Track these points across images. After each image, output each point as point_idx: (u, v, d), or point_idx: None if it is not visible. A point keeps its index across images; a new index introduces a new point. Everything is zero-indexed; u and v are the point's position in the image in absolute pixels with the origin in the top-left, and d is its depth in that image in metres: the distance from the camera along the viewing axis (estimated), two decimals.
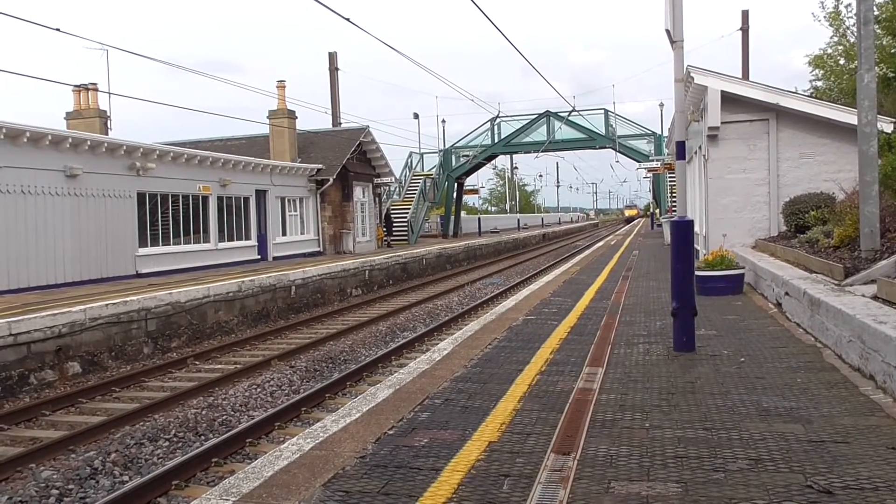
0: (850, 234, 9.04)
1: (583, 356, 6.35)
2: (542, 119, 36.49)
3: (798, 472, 3.44)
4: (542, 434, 4.19)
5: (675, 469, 3.57)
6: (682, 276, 6.48)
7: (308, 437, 4.24)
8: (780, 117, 13.40)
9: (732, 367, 5.74)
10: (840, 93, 22.75)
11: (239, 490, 3.45)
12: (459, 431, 4.30)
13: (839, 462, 3.56)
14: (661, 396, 4.95)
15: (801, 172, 13.28)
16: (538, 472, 3.59)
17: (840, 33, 23.55)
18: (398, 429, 4.39)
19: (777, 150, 13.48)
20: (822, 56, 24.87)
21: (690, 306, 6.39)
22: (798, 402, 4.66)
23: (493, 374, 5.80)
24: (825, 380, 5.21)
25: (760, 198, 13.67)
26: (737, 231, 13.75)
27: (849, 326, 5.56)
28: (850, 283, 7.31)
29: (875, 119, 8.40)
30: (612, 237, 38.16)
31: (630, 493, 3.28)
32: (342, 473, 3.66)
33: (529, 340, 7.19)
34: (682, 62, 6.70)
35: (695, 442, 3.97)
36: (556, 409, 4.71)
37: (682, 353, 6.34)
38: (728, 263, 10.44)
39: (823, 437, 3.96)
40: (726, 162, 13.73)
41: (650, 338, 7.18)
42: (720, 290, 10.10)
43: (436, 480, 3.53)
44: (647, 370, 5.77)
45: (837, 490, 3.21)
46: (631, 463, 3.67)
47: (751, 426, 4.21)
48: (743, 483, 3.34)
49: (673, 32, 6.64)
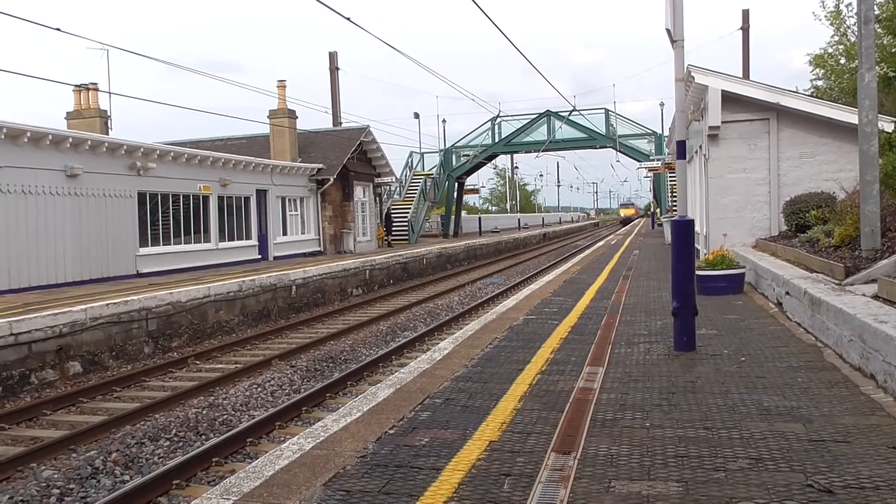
0: (850, 234, 9.04)
1: (583, 355, 6.35)
2: (543, 119, 36.49)
3: (799, 472, 3.44)
4: (542, 433, 4.20)
5: (676, 468, 3.57)
6: (682, 276, 6.48)
7: (309, 437, 4.24)
8: (781, 117, 13.39)
9: (733, 367, 5.74)
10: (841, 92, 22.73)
11: (240, 489, 3.45)
12: (460, 431, 4.30)
13: (840, 461, 3.56)
14: (661, 396, 4.95)
15: (801, 172, 13.27)
16: (539, 471, 3.59)
17: (841, 32, 23.54)
18: (399, 428, 4.39)
19: (778, 149, 13.48)
20: (823, 55, 24.86)
21: (691, 306, 6.39)
22: (799, 402, 4.65)
23: (493, 373, 5.80)
24: (826, 379, 5.21)
25: (761, 197, 13.66)
26: (737, 230, 13.75)
27: (849, 326, 5.56)
28: (850, 282, 7.31)
29: (876, 118, 8.39)
30: (612, 237, 38.15)
31: (631, 492, 3.29)
32: (343, 473, 3.66)
33: (530, 340, 7.19)
34: (682, 61, 6.69)
35: (695, 441, 3.97)
36: (557, 408, 4.71)
37: (682, 353, 6.34)
38: (729, 263, 10.44)
39: (824, 436, 3.96)
40: (727, 161, 13.73)
41: (651, 337, 7.18)
42: (721, 289, 10.10)
43: (436, 480, 3.53)
44: (647, 370, 5.77)
45: (838, 489, 3.21)
46: (632, 462, 3.67)
47: (751, 425, 4.20)
48: (744, 482, 3.34)
49: (673, 32, 6.64)
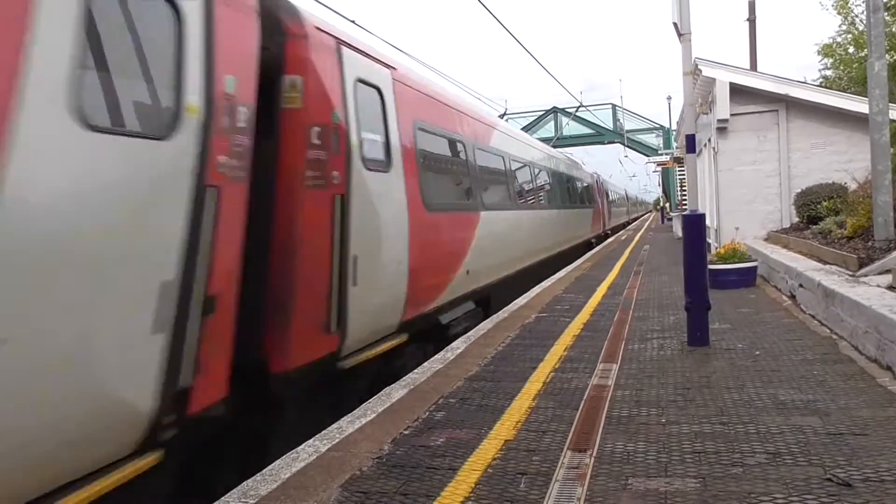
0: (863, 224, 8.97)
1: (597, 352, 6.34)
2: (550, 115, 36.45)
3: (817, 465, 3.43)
4: (558, 431, 4.19)
5: (693, 464, 3.55)
6: (694, 270, 6.45)
7: (324, 439, 4.25)
8: (790, 108, 13.32)
9: (748, 361, 5.71)
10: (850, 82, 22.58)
11: (257, 493, 3.47)
12: (475, 430, 4.30)
13: (858, 454, 3.54)
14: (676, 391, 4.94)
15: (812, 163, 13.19)
16: (555, 469, 3.59)
17: (849, 21, 23.39)
18: (414, 428, 4.40)
19: (787, 140, 13.40)
20: (832, 45, 24.69)
21: (704, 300, 6.36)
22: (815, 395, 4.63)
23: (507, 372, 5.80)
24: (842, 371, 5.18)
25: (772, 189, 13.59)
26: (748, 223, 13.68)
27: (864, 317, 5.52)
28: (864, 273, 7.25)
29: (887, 107, 8.34)
30: (622, 232, 38.04)
31: (648, 489, 3.28)
32: (359, 475, 3.67)
33: (543, 338, 7.18)
34: (690, 55, 6.66)
35: (712, 437, 3.95)
36: (572, 406, 4.70)
37: (696, 348, 6.31)
38: (741, 256, 10.38)
39: (842, 429, 3.94)
40: (736, 154, 13.67)
41: (664, 333, 7.15)
42: (733, 283, 10.05)
43: (453, 479, 3.53)
44: (661, 365, 5.75)
45: (857, 482, 3.19)
46: (648, 459, 3.67)
47: (768, 420, 4.18)
48: (762, 477, 3.33)
49: (680, 25, 6.61)
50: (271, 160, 4.76)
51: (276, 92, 4.85)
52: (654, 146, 37.34)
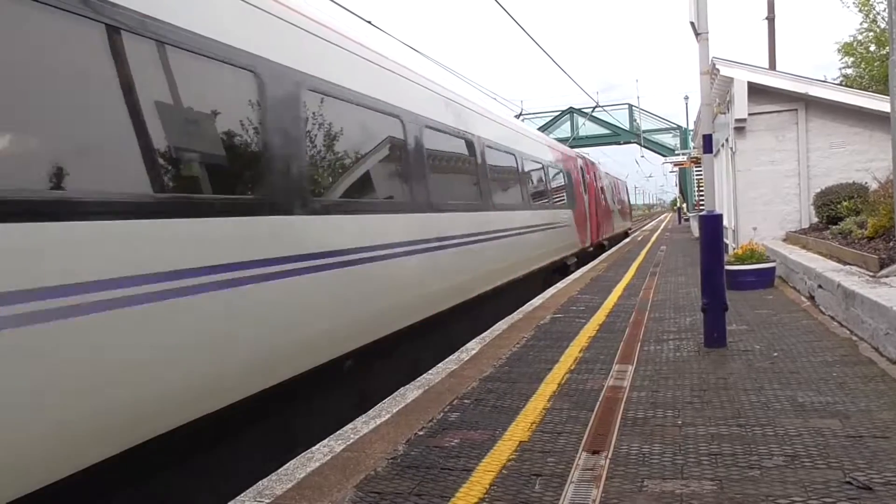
0: (884, 225, 8.85)
1: (612, 354, 6.30)
2: (566, 115, 36.34)
3: (836, 468, 3.38)
4: (573, 433, 4.17)
5: (710, 466, 3.52)
6: (712, 271, 6.40)
7: (339, 439, 4.27)
8: (810, 107, 13.17)
9: (765, 363, 5.65)
10: (871, 80, 22.29)
11: (272, 492, 3.48)
12: (490, 431, 4.29)
13: (879, 457, 3.49)
14: (693, 393, 4.90)
15: (831, 162, 13.04)
16: (570, 471, 3.57)
17: (870, 19, 23.08)
18: (428, 429, 4.40)
19: (807, 140, 13.25)
20: (852, 43, 24.39)
21: (721, 301, 6.30)
22: (834, 397, 4.57)
23: (522, 373, 5.78)
24: (862, 373, 5.11)
25: (790, 189, 13.44)
26: (767, 224, 13.54)
27: (885, 318, 5.44)
28: (885, 274, 7.15)
29: None
30: (638, 233, 37.78)
31: (664, 491, 3.25)
32: (374, 475, 3.67)
33: (558, 339, 7.16)
34: (707, 54, 6.60)
35: (729, 439, 3.91)
36: (587, 407, 4.68)
37: (713, 349, 6.26)
38: (758, 257, 10.29)
39: (862, 431, 3.88)
40: (754, 154, 13.54)
41: (680, 334, 7.10)
42: (751, 284, 9.95)
43: (467, 480, 3.53)
44: (677, 367, 5.71)
45: (878, 486, 3.15)
46: (664, 461, 3.64)
47: (786, 422, 4.14)
48: (780, 480, 3.29)
49: (697, 25, 6.55)
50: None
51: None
52: (670, 146, 37.08)
